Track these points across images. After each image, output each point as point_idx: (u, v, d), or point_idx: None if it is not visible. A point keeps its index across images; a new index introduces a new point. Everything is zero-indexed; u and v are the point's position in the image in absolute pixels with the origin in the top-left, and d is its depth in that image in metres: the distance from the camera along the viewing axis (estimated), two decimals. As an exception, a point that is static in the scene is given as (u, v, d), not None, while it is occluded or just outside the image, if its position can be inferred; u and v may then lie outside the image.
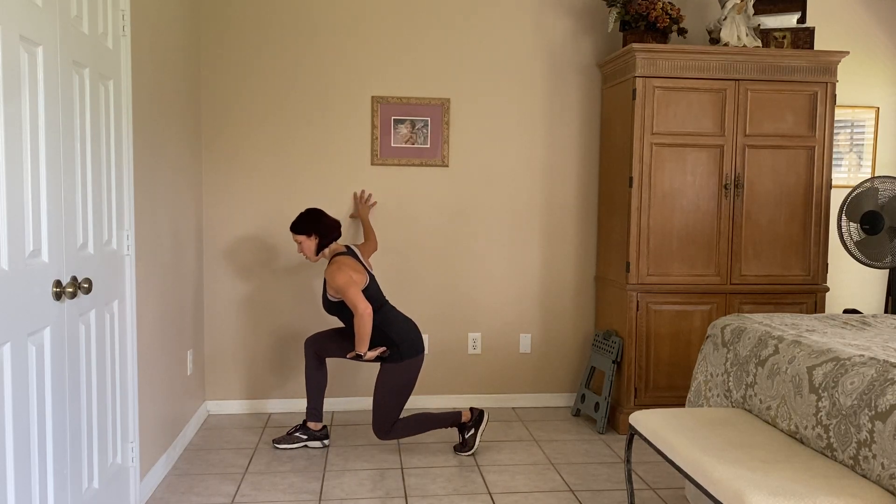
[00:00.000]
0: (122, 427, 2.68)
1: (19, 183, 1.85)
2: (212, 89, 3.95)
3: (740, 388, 2.65)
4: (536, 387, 4.30)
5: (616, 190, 3.94)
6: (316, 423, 3.53)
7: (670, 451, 2.27)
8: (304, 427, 3.53)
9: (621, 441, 3.71)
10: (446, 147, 4.10)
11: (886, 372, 2.03)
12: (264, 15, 3.96)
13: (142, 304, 2.89)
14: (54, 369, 2.06)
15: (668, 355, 3.80)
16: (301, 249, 3.41)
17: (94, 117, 2.38)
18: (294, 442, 3.51)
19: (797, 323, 2.79)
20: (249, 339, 4.08)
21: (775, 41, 3.93)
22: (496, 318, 4.24)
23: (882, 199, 3.69)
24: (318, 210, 3.42)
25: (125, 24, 2.66)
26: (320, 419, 3.54)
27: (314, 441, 3.53)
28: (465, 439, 3.47)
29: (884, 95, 4.43)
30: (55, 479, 2.07)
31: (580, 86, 4.19)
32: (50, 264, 2.03)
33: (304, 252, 3.41)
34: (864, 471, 1.99)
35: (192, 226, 3.74)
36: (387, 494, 3.01)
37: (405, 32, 4.06)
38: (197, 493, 3.00)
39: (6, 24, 1.77)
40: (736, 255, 3.82)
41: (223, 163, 3.99)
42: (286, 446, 3.51)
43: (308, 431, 3.53)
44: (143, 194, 2.91)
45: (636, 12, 3.77)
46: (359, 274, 3.30)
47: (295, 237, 3.41)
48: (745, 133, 3.77)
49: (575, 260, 4.27)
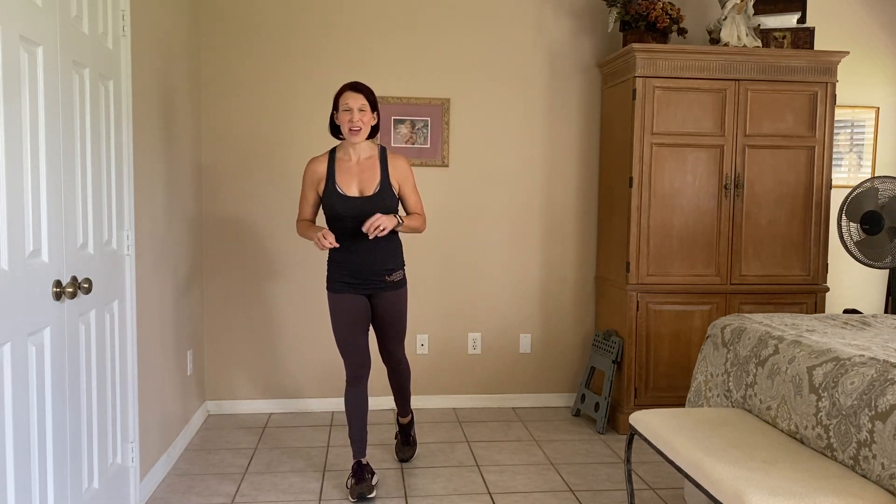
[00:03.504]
0: (122, 427, 2.68)
1: (19, 183, 1.85)
2: (212, 89, 3.95)
3: (740, 388, 2.65)
4: (536, 387, 4.30)
5: (616, 190, 3.94)
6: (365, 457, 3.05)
7: (670, 451, 2.27)
8: (362, 466, 3.01)
9: (621, 441, 3.71)
10: (446, 147, 4.10)
11: (886, 372, 2.03)
12: (264, 15, 3.96)
13: (142, 304, 2.89)
14: (54, 369, 2.06)
15: (668, 355, 3.79)
16: (356, 118, 2.79)
17: (94, 117, 2.38)
18: (371, 485, 2.97)
19: (797, 323, 2.79)
20: (249, 339, 4.08)
21: (775, 41, 3.93)
22: (496, 318, 4.24)
23: (882, 199, 3.69)
24: None
25: (125, 24, 2.66)
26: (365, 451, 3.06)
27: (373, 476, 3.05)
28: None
29: (884, 95, 4.43)
30: (55, 479, 2.07)
31: (580, 86, 4.19)
32: (50, 264, 2.03)
33: (358, 122, 2.79)
34: (864, 471, 1.99)
35: (192, 226, 3.74)
36: (387, 494, 3.01)
37: (405, 32, 4.06)
38: (197, 493, 3.00)
39: (6, 24, 1.77)
40: (736, 255, 3.82)
41: (223, 163, 3.99)
42: (372, 494, 2.95)
43: (367, 467, 3.02)
44: (143, 194, 2.91)
45: (636, 12, 3.77)
46: None
47: (358, 100, 2.80)
48: (745, 133, 3.77)
49: (575, 260, 4.27)
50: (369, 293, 2.98)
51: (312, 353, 4.12)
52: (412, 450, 3.40)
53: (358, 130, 2.80)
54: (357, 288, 2.94)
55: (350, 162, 2.89)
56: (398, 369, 3.21)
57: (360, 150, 2.90)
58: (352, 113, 2.79)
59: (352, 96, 2.80)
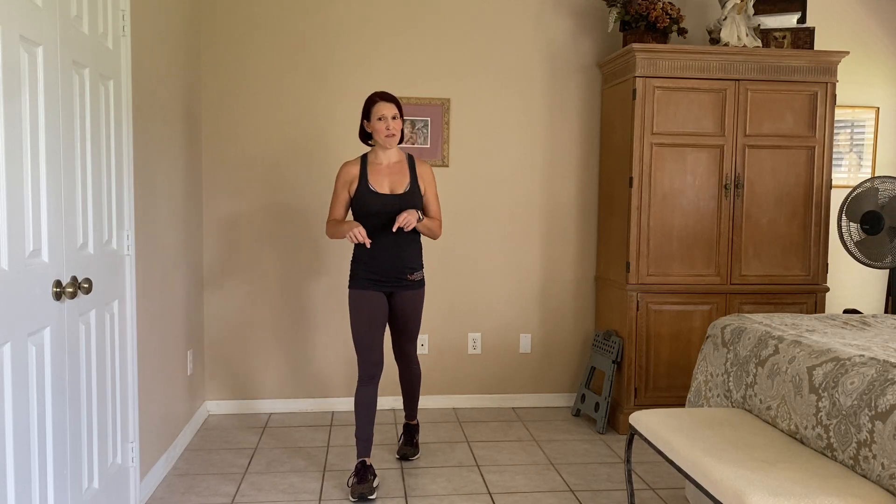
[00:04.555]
0: (122, 427, 2.68)
1: (19, 183, 1.85)
2: (212, 89, 3.95)
3: (740, 388, 2.65)
4: (536, 387, 4.30)
5: (616, 190, 3.94)
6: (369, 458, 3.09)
7: (670, 451, 2.27)
8: (366, 466, 3.03)
9: (621, 441, 3.71)
10: (446, 147, 4.10)
11: (886, 372, 2.03)
12: (264, 15, 3.96)
13: (142, 304, 2.89)
14: (54, 369, 2.06)
15: (668, 355, 3.79)
16: (391, 127, 3.01)
17: (94, 117, 2.38)
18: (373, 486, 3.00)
19: (797, 323, 2.79)
20: (249, 340, 4.08)
21: (775, 41, 3.93)
22: (496, 318, 4.24)
23: (882, 199, 3.69)
24: None
25: (125, 24, 2.66)
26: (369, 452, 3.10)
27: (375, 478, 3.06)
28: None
29: (884, 95, 4.43)
30: (55, 479, 2.07)
31: (580, 86, 4.19)
32: (50, 264, 2.03)
33: (394, 129, 3.01)
34: (864, 471, 1.99)
35: (192, 225, 3.74)
36: (387, 494, 3.01)
37: (405, 32, 4.06)
38: (197, 493, 3.00)
39: (6, 24, 1.77)
40: (736, 255, 3.82)
41: (223, 162, 3.99)
42: (373, 496, 2.97)
43: (370, 468, 3.04)
44: (143, 194, 2.91)
45: (636, 12, 3.77)
46: None
47: (392, 109, 3.03)
48: (745, 133, 3.77)
49: (575, 260, 4.27)
50: (390, 291, 3.10)
51: (313, 353, 4.12)
52: (415, 451, 3.41)
53: (393, 136, 3.03)
54: (379, 285, 3.07)
55: (381, 165, 3.10)
56: (410, 369, 3.32)
57: (390, 155, 3.11)
58: (386, 121, 3.01)
59: (385, 106, 3.02)
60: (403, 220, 2.90)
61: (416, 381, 3.37)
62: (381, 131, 3.02)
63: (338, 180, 3.11)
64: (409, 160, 3.15)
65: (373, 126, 3.05)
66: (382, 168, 3.09)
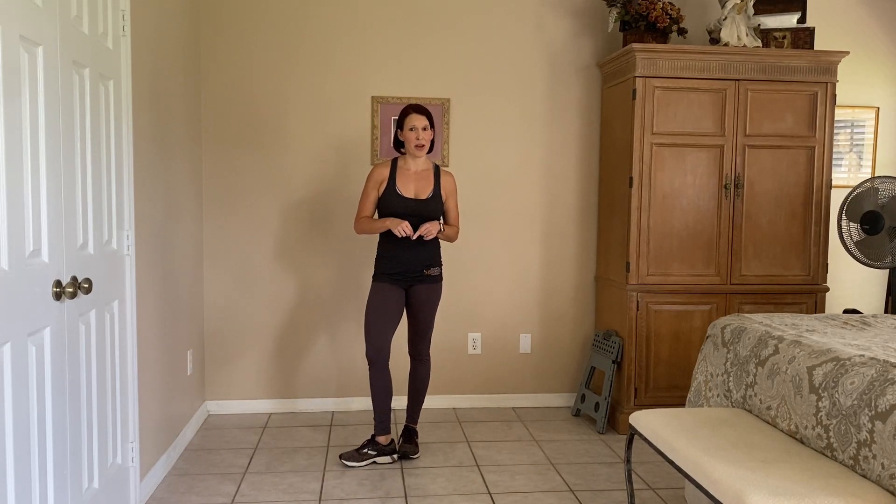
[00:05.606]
0: (122, 427, 2.68)
1: (19, 183, 1.85)
2: (212, 88, 3.95)
3: (740, 388, 2.65)
4: (536, 387, 4.30)
5: (616, 190, 3.94)
6: (385, 437, 3.36)
7: (670, 451, 2.27)
8: (373, 442, 3.35)
9: (621, 441, 3.71)
10: (446, 147, 4.10)
11: (886, 372, 2.03)
12: (264, 14, 3.96)
13: (142, 304, 2.89)
14: (54, 369, 2.06)
15: (668, 355, 3.80)
16: (420, 137, 3.23)
17: (94, 117, 2.38)
18: (363, 459, 3.32)
19: (797, 323, 2.79)
20: (249, 339, 4.08)
21: (775, 41, 3.93)
22: (496, 318, 4.24)
23: (882, 199, 3.69)
24: None
25: (125, 24, 2.66)
26: (388, 431, 3.36)
27: (383, 456, 3.35)
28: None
29: (884, 95, 4.43)
30: (55, 479, 2.07)
31: (580, 86, 4.19)
32: (50, 264, 2.03)
33: (424, 140, 3.24)
34: (864, 471, 1.99)
35: (192, 225, 3.74)
36: (387, 494, 3.01)
37: (405, 32, 4.06)
38: (197, 493, 3.00)
39: (6, 24, 1.77)
40: (736, 255, 3.82)
41: (223, 162, 3.99)
42: (354, 464, 3.31)
43: (377, 446, 3.34)
44: (143, 194, 2.91)
45: (636, 12, 3.77)
46: None
47: (422, 121, 3.24)
48: (745, 133, 3.77)
49: (575, 260, 4.27)
50: (408, 286, 3.33)
51: (313, 353, 4.12)
52: (415, 449, 3.42)
53: (422, 146, 3.27)
54: (399, 281, 3.31)
55: (409, 171, 3.33)
56: (420, 368, 3.47)
57: (419, 163, 3.35)
58: (417, 132, 3.25)
59: (417, 118, 3.26)
60: (425, 231, 3.18)
61: (422, 382, 3.48)
62: (411, 140, 3.25)
63: (369, 180, 3.32)
64: (436, 169, 3.36)
65: (405, 135, 3.27)
66: (410, 174, 3.31)
